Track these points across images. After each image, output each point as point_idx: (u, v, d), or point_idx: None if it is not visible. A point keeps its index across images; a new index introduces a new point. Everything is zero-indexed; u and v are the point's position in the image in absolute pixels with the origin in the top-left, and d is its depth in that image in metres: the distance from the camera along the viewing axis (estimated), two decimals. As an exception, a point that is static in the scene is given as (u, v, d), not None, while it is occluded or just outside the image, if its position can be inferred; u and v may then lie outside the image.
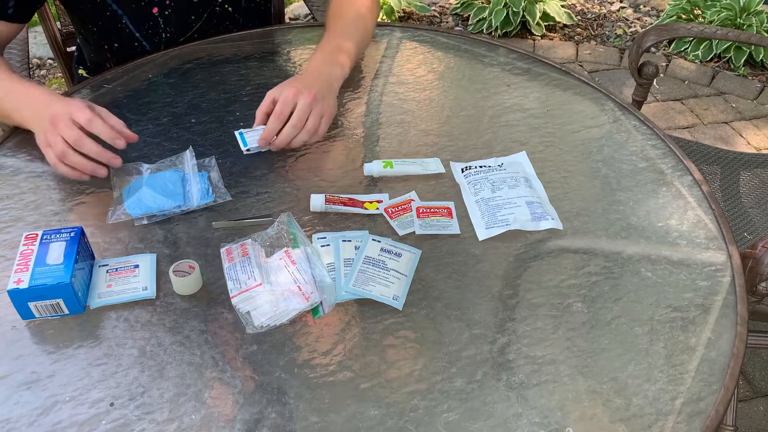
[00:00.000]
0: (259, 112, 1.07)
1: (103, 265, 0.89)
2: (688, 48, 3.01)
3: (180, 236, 0.94)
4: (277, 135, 1.05)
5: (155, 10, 1.28)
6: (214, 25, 1.37)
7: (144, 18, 1.29)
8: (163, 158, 1.05)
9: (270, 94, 1.07)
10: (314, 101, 1.05)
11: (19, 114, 1.03)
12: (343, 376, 0.78)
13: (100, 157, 0.96)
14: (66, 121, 0.95)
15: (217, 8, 1.36)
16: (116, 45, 1.32)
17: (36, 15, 1.28)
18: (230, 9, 1.37)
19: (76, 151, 0.96)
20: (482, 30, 3.14)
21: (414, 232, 0.94)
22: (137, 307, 0.85)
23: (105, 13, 1.26)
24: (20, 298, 0.80)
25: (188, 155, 1.03)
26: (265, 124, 1.06)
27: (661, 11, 3.37)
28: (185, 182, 1.00)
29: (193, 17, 1.33)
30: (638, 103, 1.69)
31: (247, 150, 1.07)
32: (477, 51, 1.35)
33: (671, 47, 3.07)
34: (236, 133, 1.10)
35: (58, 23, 1.58)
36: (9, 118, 1.05)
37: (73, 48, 1.64)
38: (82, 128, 0.96)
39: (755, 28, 2.87)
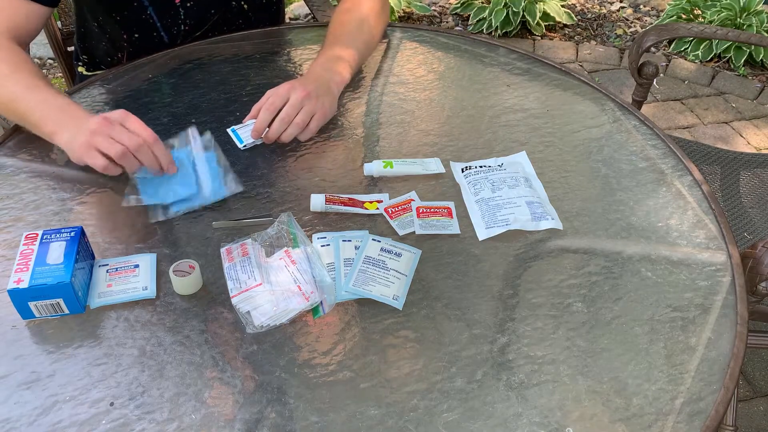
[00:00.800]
0: (254, 107, 1.08)
1: (103, 265, 0.89)
2: (688, 48, 3.01)
3: (180, 236, 0.94)
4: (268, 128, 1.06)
5: (177, 0, 1.29)
6: (228, 21, 1.37)
7: (166, 8, 1.30)
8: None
9: (268, 93, 1.07)
10: (307, 98, 1.06)
11: (49, 126, 1.00)
12: (343, 376, 0.78)
13: (154, 165, 0.95)
14: (120, 126, 0.94)
15: (233, 2, 1.36)
16: (137, 35, 1.33)
17: None
18: (245, 6, 1.38)
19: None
20: (482, 30, 3.14)
21: (414, 232, 0.94)
22: (137, 307, 0.85)
23: (132, 3, 1.27)
24: (20, 298, 0.80)
25: (190, 135, 1.04)
26: (256, 118, 1.07)
27: (661, 11, 3.37)
28: (195, 168, 1.01)
29: (213, 11, 1.34)
30: (638, 103, 1.69)
31: (244, 146, 1.07)
32: (477, 51, 1.35)
33: (671, 47, 3.07)
34: (229, 130, 1.10)
35: (58, 23, 1.58)
36: (36, 127, 1.02)
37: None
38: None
39: (755, 28, 2.87)
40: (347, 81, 1.18)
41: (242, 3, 1.37)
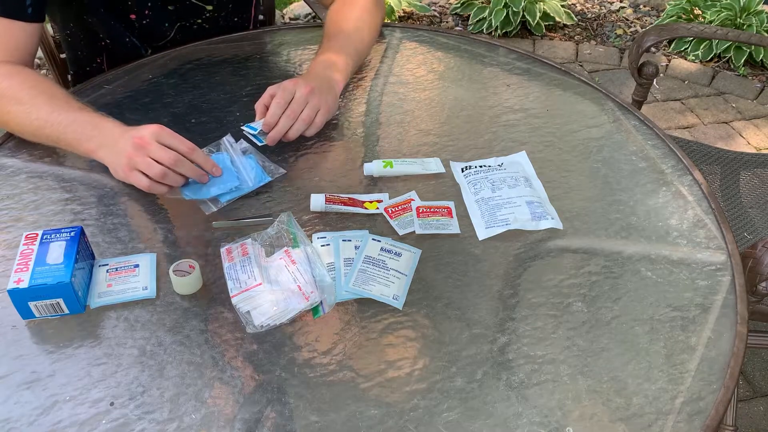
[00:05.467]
0: (259, 105, 1.08)
1: (103, 265, 0.89)
2: (688, 48, 3.01)
3: (180, 236, 0.95)
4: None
5: (132, 16, 1.29)
6: (191, 39, 1.37)
7: (122, 20, 1.29)
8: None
9: (269, 89, 1.08)
10: (311, 94, 1.06)
11: (86, 144, 1.00)
12: (343, 375, 0.78)
13: (197, 174, 0.96)
14: (155, 143, 0.93)
15: (195, 26, 1.36)
16: (108, 40, 1.32)
17: None
18: (207, 26, 1.37)
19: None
20: (482, 30, 3.14)
21: (414, 232, 0.94)
22: (137, 307, 0.85)
23: (99, 11, 1.26)
24: (20, 298, 0.80)
25: (226, 143, 1.05)
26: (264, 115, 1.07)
27: (661, 11, 3.37)
28: (234, 163, 1.02)
29: (167, 24, 1.33)
30: (638, 103, 1.69)
31: (255, 133, 1.08)
32: (477, 51, 1.35)
33: (671, 47, 3.07)
34: (245, 126, 1.10)
35: (49, 27, 1.57)
36: (71, 147, 1.02)
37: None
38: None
39: (755, 28, 2.87)
40: (346, 81, 1.18)
41: (204, 25, 1.36)
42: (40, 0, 1.13)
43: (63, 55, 1.58)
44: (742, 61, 2.90)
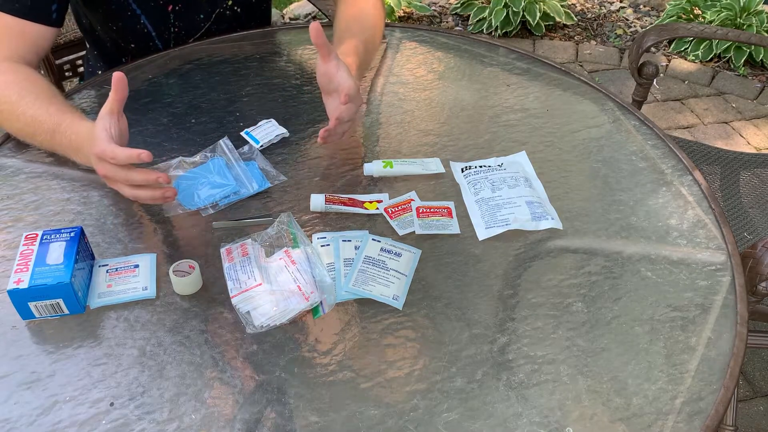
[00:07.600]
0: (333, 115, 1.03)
1: (103, 265, 0.89)
2: (688, 48, 3.01)
3: (180, 236, 0.95)
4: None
5: (169, 8, 1.29)
6: (224, 30, 1.37)
7: (158, 14, 1.29)
8: (164, 156, 1.05)
9: (350, 96, 0.99)
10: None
11: (75, 157, 1.00)
12: (343, 376, 0.78)
13: (149, 181, 0.89)
14: (97, 164, 0.91)
15: (228, 12, 1.36)
16: (133, 45, 1.33)
17: None
18: (238, 9, 1.38)
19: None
20: (482, 30, 3.14)
21: (414, 232, 0.94)
22: (137, 307, 0.85)
23: (126, 13, 1.26)
24: (20, 298, 0.80)
25: (223, 146, 1.05)
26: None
27: (661, 11, 3.37)
28: (231, 169, 1.02)
29: (201, 15, 1.34)
30: (638, 103, 1.68)
31: (261, 146, 1.08)
32: (477, 51, 1.35)
33: (671, 47, 3.07)
34: (242, 133, 1.11)
35: None
36: (68, 157, 1.02)
37: (64, 59, 1.63)
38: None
39: (755, 28, 2.87)
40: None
41: (235, 7, 1.37)
42: (63, 6, 1.13)
43: (59, 61, 1.58)
44: (742, 61, 2.90)
